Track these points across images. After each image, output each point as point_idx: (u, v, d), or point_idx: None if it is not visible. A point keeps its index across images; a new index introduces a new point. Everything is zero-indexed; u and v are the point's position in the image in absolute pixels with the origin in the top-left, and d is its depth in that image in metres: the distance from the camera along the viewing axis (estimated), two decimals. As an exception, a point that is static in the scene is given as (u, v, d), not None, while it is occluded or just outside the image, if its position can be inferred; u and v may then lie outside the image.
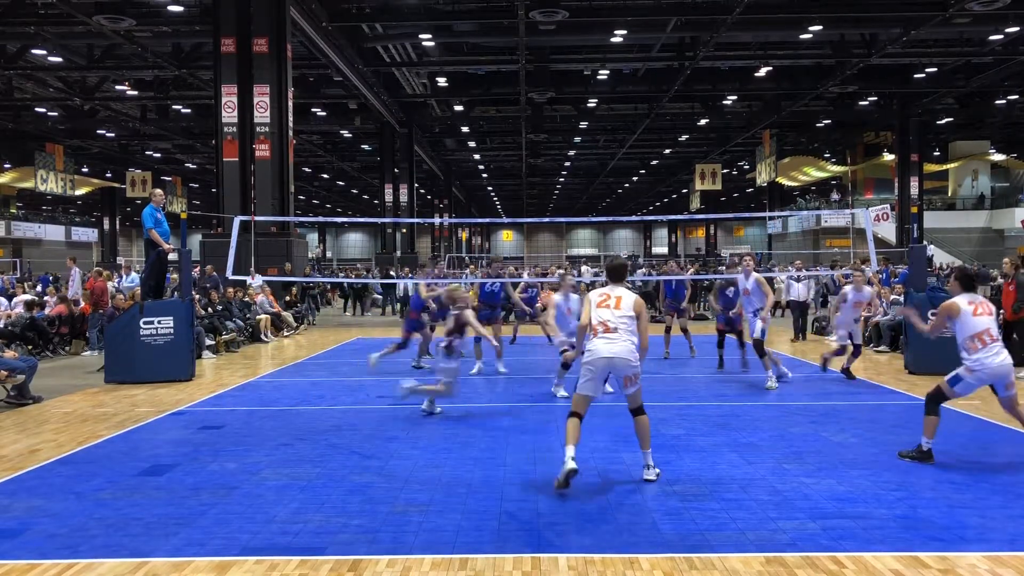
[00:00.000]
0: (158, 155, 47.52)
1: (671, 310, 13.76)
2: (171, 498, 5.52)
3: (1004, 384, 6.36)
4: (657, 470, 6.01)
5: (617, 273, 6.24)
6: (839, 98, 35.87)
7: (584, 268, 34.81)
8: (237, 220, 13.17)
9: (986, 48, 26.44)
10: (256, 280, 17.73)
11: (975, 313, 6.37)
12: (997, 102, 35.60)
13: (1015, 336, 11.26)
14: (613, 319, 5.88)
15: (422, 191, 56.14)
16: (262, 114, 19.43)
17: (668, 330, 13.60)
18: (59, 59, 26.72)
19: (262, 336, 16.71)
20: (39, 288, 21.53)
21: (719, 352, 12.06)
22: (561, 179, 61.37)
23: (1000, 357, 6.30)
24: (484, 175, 58.92)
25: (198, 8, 22.61)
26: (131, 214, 61.70)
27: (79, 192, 46.74)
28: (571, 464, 5.56)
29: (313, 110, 35.67)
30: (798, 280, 16.76)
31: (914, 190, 37.50)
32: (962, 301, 6.47)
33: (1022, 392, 8.97)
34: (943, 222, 43.23)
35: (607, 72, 30.96)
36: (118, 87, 32.07)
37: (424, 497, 5.48)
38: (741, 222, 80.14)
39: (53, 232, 52.69)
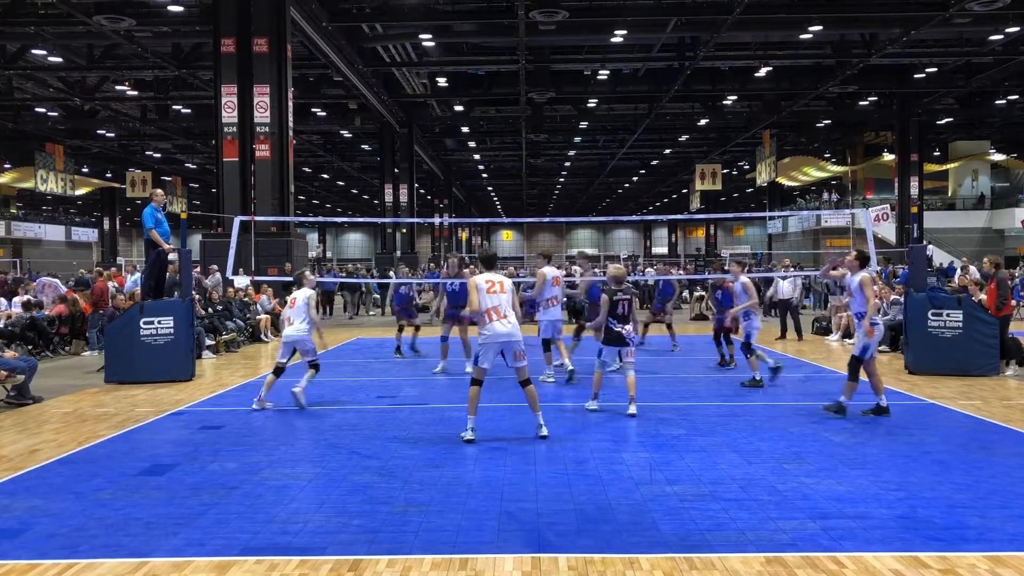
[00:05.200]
0: (158, 155, 47.47)
1: (656, 309, 14.97)
2: (171, 498, 5.52)
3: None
4: (545, 431, 7.23)
5: (491, 262, 7.61)
6: (839, 98, 35.82)
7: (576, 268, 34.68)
8: (237, 220, 13.16)
9: (986, 48, 26.40)
10: (242, 280, 17.58)
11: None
12: (997, 102, 35.54)
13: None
14: (502, 305, 7.18)
15: (422, 191, 56.09)
16: (262, 114, 19.41)
17: (647, 325, 14.80)
18: (59, 59, 26.66)
19: (262, 336, 16.72)
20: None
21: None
22: (561, 179, 61.33)
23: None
24: (484, 175, 58.88)
25: (198, 8, 22.58)
26: (131, 214, 61.73)
27: (79, 192, 46.69)
28: (469, 435, 7.09)
29: (313, 110, 35.63)
30: (783, 279, 16.91)
31: (914, 190, 37.43)
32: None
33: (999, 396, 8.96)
34: (943, 222, 43.14)
35: (607, 72, 30.91)
36: (118, 87, 32.03)
37: (424, 497, 5.48)
38: (741, 222, 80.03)
39: (53, 232, 52.57)
